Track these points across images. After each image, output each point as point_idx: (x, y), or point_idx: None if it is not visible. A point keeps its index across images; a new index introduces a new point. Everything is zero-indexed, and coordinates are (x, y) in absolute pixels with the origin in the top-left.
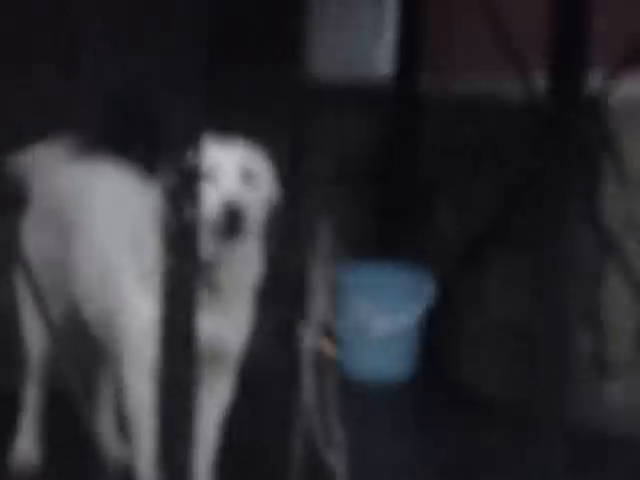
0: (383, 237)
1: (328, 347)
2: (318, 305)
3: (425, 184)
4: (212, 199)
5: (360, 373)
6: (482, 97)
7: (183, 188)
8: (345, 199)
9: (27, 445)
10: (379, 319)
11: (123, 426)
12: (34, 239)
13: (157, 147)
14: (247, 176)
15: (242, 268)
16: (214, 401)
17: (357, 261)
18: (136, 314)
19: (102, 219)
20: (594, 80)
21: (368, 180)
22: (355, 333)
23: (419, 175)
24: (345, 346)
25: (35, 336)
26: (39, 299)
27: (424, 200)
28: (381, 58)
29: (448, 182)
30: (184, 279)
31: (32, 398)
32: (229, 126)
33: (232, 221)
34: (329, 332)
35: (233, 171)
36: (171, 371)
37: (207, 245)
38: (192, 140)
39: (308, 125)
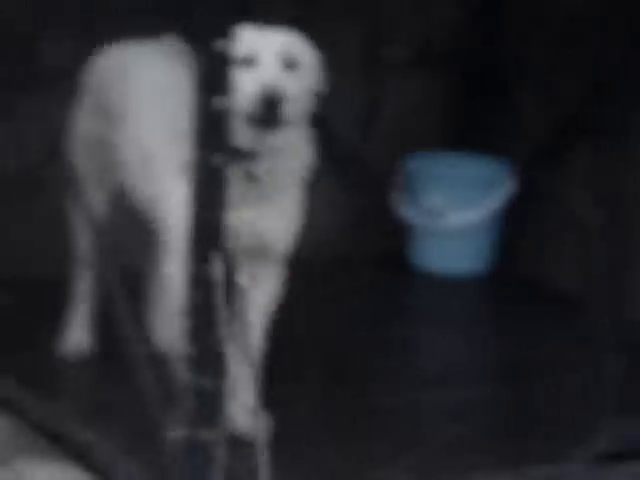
0: (460, 125)
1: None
2: None
3: (507, 69)
4: (250, 86)
5: (431, 266)
6: None
7: (214, 74)
8: (419, 84)
9: (77, 335)
10: (453, 210)
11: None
12: (85, 125)
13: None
14: (289, 63)
15: (285, 159)
16: (260, 292)
17: (431, 149)
18: (177, 203)
19: (144, 106)
20: None
21: (445, 63)
22: (427, 224)
23: (500, 59)
24: (417, 238)
25: (82, 226)
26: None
27: (505, 86)
28: None
29: (532, 67)
30: (215, 170)
31: (82, 290)
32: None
33: (270, 109)
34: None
35: (273, 57)
36: (199, 266)
37: (245, 135)
38: (223, 25)
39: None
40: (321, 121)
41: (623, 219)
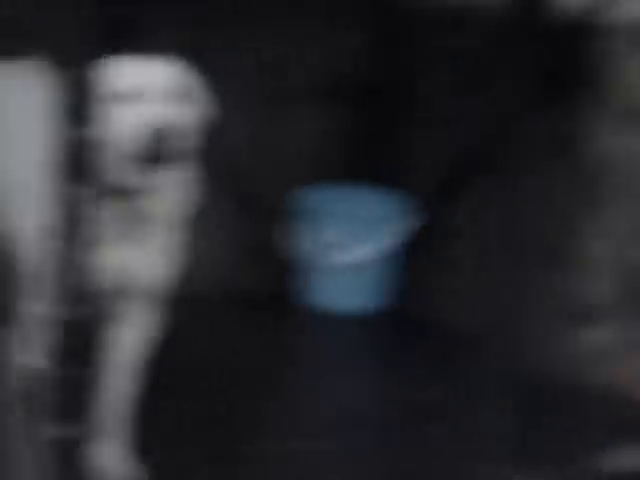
0: (356, 159)
1: None
2: None
3: (405, 103)
4: (134, 121)
5: (323, 303)
6: (467, 10)
7: (79, 103)
8: (314, 116)
9: None
10: (346, 246)
11: None
12: None
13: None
14: (175, 96)
15: (167, 196)
16: (129, 333)
17: (326, 184)
18: (36, 239)
19: (3, 132)
20: None
21: (341, 96)
22: (320, 259)
23: (399, 93)
24: (309, 273)
25: None
26: None
27: (405, 120)
28: None
29: (430, 101)
30: (79, 206)
31: None
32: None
33: (157, 146)
34: None
35: (158, 90)
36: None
37: (126, 172)
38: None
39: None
40: (213, 152)
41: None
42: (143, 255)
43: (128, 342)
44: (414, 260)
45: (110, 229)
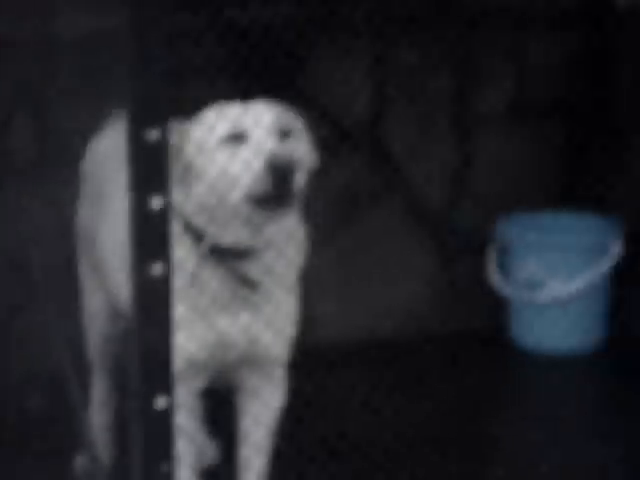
0: (564, 184)
1: None
2: None
3: (618, 117)
4: (247, 162)
5: (531, 343)
6: None
7: (149, 169)
8: (513, 138)
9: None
10: (553, 280)
11: None
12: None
13: None
14: (283, 134)
15: (280, 250)
16: (263, 407)
17: (530, 212)
18: None
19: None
20: None
21: (541, 113)
22: (524, 296)
23: (615, 111)
24: (514, 312)
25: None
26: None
27: (618, 141)
28: None
29: None
30: (155, 282)
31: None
32: None
33: (282, 182)
34: None
35: (266, 128)
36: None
37: (237, 230)
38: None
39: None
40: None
41: None
42: (262, 319)
43: (261, 418)
44: (629, 290)
45: (225, 295)
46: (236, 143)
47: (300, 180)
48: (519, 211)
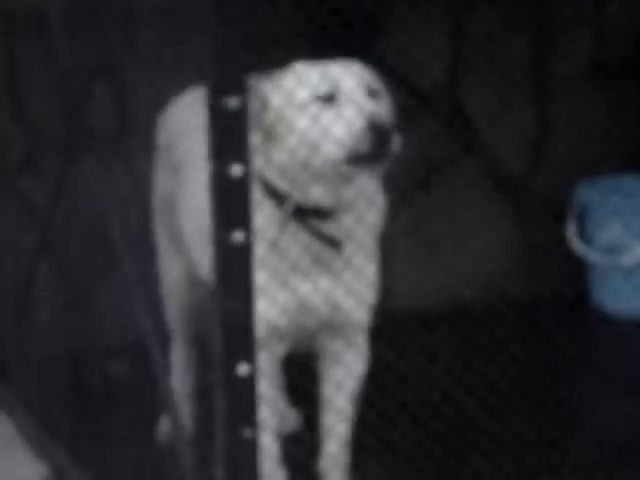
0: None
1: None
2: None
3: None
4: (344, 121)
5: (615, 308)
6: None
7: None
8: (593, 100)
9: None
10: (635, 243)
11: None
12: (161, 186)
13: None
14: (372, 94)
15: (359, 213)
16: (345, 375)
17: (609, 176)
18: None
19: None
20: None
21: (622, 75)
22: (607, 261)
23: None
24: (596, 276)
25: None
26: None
27: None
28: None
29: None
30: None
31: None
32: None
33: (381, 141)
34: None
35: (359, 89)
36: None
37: (319, 189)
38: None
39: None
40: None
41: None
42: (344, 284)
43: (344, 386)
44: None
45: (306, 259)
46: (327, 101)
47: (396, 140)
48: (599, 175)
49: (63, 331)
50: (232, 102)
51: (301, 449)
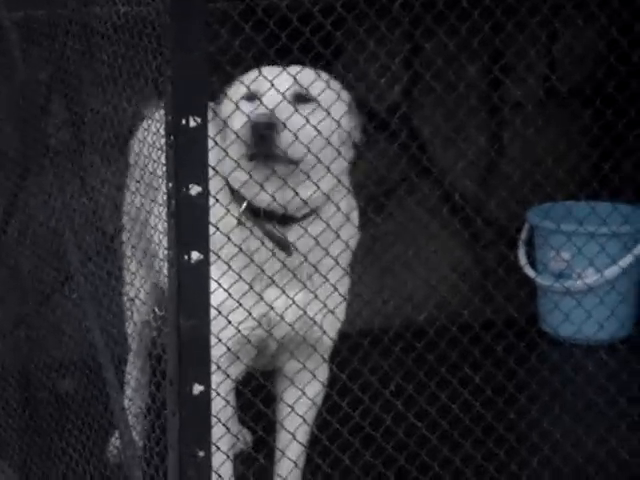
0: (597, 171)
1: None
2: None
3: None
4: (243, 120)
5: (563, 332)
6: None
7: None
8: (544, 125)
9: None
10: (585, 268)
11: None
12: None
13: None
14: (300, 97)
15: (322, 223)
16: (308, 391)
17: (561, 201)
18: None
19: None
20: None
21: (573, 100)
22: (556, 285)
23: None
24: (545, 301)
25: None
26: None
27: None
28: None
29: None
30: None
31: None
32: None
33: (262, 139)
34: None
35: (276, 91)
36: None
37: (258, 190)
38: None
39: None
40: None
41: None
42: (311, 299)
43: (305, 405)
44: None
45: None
46: (252, 104)
47: (287, 140)
48: (552, 200)
49: (14, 346)
50: (192, 122)
51: (251, 469)
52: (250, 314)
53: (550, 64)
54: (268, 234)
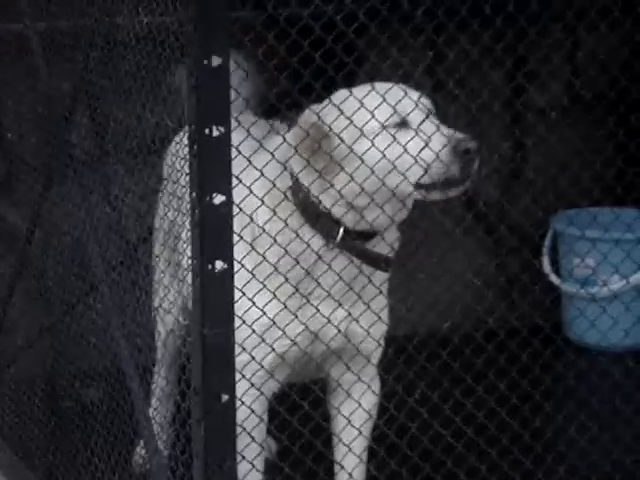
0: (622, 177)
1: None
2: None
3: None
4: (422, 146)
5: (587, 339)
6: None
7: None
8: (568, 132)
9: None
10: (610, 275)
11: None
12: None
13: None
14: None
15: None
16: (361, 403)
17: (585, 208)
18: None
19: None
20: None
21: (597, 108)
22: (582, 292)
23: None
24: (569, 307)
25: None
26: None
27: None
28: None
29: None
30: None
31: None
32: None
33: (466, 164)
34: None
35: (424, 113)
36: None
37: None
38: None
39: None
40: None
41: None
42: (365, 311)
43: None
44: None
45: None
46: (400, 128)
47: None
48: (576, 207)
49: (39, 356)
50: (215, 132)
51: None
52: (307, 328)
53: (574, 70)
54: (361, 254)
